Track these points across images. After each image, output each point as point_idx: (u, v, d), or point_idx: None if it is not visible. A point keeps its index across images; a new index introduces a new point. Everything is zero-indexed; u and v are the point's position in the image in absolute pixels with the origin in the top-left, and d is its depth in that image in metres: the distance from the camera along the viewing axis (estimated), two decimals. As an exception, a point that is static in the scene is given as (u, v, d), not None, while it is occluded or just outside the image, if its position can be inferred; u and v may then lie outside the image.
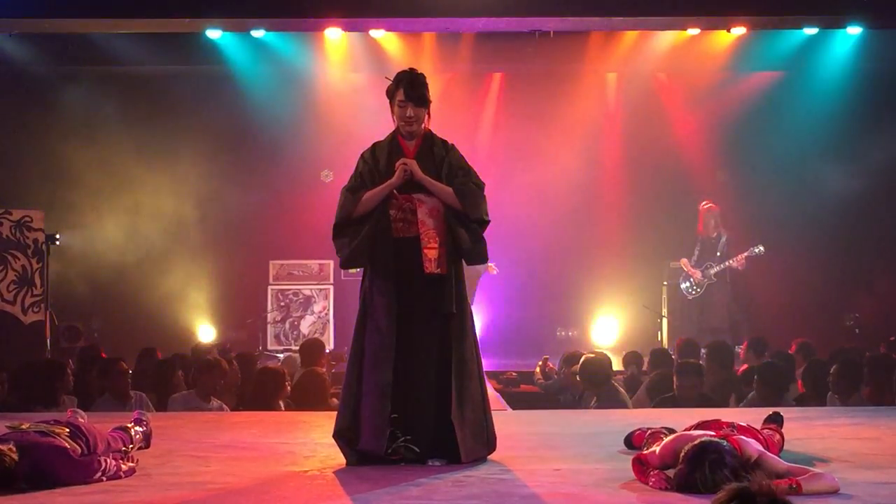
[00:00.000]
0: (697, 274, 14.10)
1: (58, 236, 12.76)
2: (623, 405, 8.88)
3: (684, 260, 14.30)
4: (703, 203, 14.30)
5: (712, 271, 14.00)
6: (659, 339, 14.58)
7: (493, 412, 5.87)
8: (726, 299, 14.08)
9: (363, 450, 5.54)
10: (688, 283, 14.22)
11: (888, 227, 14.93)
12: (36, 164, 14.92)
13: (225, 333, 15.18)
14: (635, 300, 15.25)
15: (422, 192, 5.73)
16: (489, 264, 12.06)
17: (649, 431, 5.70)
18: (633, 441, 5.89)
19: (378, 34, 14.08)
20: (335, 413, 5.82)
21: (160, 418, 7.42)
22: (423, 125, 5.83)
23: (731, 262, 13.88)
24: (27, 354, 10.85)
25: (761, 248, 13.72)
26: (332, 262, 15.17)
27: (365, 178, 5.77)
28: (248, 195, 15.66)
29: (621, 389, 9.25)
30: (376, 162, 5.81)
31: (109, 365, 8.74)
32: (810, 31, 13.72)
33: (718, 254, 14.03)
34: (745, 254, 13.79)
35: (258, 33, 13.70)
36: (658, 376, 9.14)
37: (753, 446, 4.78)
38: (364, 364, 5.63)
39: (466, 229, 5.72)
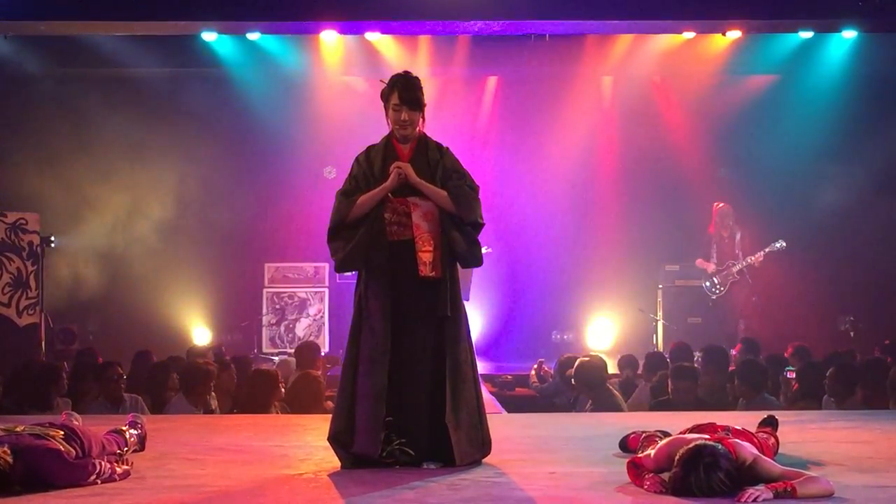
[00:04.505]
0: (711, 266, 14.15)
1: (53, 239, 12.78)
2: (618, 408, 8.88)
3: (700, 260, 14.34)
4: (717, 203, 14.39)
5: (735, 269, 14.05)
6: (654, 342, 14.59)
7: (488, 415, 5.87)
8: (748, 296, 14.16)
9: (358, 453, 5.54)
10: (710, 283, 14.23)
11: (883, 229, 14.94)
12: (31, 167, 14.90)
13: (220, 336, 15.17)
14: (631, 303, 15.24)
15: (416, 196, 5.73)
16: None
17: (644, 435, 5.71)
18: (629, 444, 5.89)
19: (373, 37, 14.08)
20: (330, 416, 5.82)
21: (155, 421, 7.42)
22: (417, 128, 5.83)
23: (750, 258, 13.95)
24: (22, 357, 10.83)
25: (782, 242, 13.81)
26: (327, 265, 15.16)
27: (359, 181, 5.78)
28: (243, 198, 15.65)
29: (616, 393, 9.25)
30: (371, 165, 5.81)
31: (103, 369, 8.74)
32: (806, 34, 13.75)
33: (738, 251, 14.11)
34: (767, 249, 13.87)
35: (254, 36, 13.73)
36: (662, 378, 9.14)
37: (748, 449, 4.78)
38: (359, 367, 5.62)
39: (461, 232, 5.72)
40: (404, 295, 5.66)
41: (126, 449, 5.71)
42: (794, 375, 9.28)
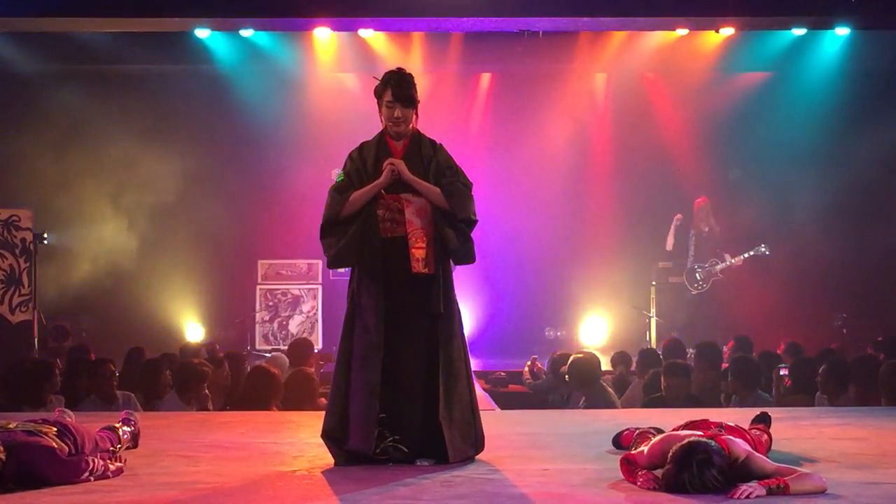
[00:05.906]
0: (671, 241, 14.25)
1: (46, 235, 12.74)
2: (611, 405, 8.89)
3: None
4: (697, 198, 14.46)
5: (717, 268, 14.07)
6: (647, 339, 14.60)
7: (481, 412, 5.86)
8: (727, 296, 14.19)
9: (351, 450, 5.53)
10: (691, 277, 14.23)
11: (876, 226, 14.96)
12: (24, 163, 14.89)
13: (213, 333, 15.17)
14: (624, 300, 15.27)
15: (410, 192, 5.72)
16: None
17: (637, 431, 5.70)
18: (622, 441, 5.89)
19: (367, 34, 14.08)
20: (323, 413, 5.82)
21: (148, 418, 7.40)
22: (410, 125, 5.82)
23: (732, 261, 13.98)
24: (15, 354, 10.82)
25: (765, 249, 13.83)
26: (320, 262, 15.16)
27: (352, 177, 5.76)
28: (236, 195, 15.65)
29: (610, 389, 9.25)
30: (364, 162, 5.80)
31: (97, 366, 8.72)
32: (799, 31, 13.77)
33: (717, 248, 14.15)
34: (749, 253, 13.90)
35: (247, 33, 13.72)
36: (654, 375, 9.15)
37: (741, 446, 4.78)
38: (352, 364, 5.61)
39: (454, 229, 5.71)
40: (397, 291, 5.65)
41: (119, 446, 5.69)
42: (786, 372, 9.30)
